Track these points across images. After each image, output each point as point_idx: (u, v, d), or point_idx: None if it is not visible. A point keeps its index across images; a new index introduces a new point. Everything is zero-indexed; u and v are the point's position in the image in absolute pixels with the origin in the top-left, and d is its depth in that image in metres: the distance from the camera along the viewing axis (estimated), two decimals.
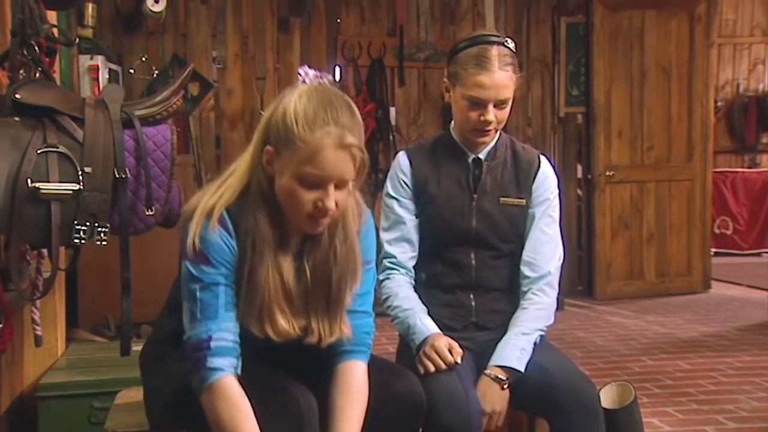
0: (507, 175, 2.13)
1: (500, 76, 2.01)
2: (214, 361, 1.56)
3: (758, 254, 7.94)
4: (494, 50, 2.03)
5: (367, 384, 1.70)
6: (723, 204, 7.89)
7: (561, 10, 6.13)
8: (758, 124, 8.28)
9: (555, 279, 2.12)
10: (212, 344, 1.57)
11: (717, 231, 7.76)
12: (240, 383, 1.58)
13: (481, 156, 2.13)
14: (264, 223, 1.61)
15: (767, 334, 4.83)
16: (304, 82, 1.64)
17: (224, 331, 1.58)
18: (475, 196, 2.11)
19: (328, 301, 1.67)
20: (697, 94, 6.17)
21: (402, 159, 2.16)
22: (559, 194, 2.20)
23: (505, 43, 2.05)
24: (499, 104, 2.04)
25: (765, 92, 8.32)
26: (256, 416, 1.56)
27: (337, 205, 1.59)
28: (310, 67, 1.68)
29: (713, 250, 6.77)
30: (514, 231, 2.13)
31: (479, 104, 2.03)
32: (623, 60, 6.05)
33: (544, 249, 2.12)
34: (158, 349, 1.79)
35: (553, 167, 2.21)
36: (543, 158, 2.19)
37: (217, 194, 1.64)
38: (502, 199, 2.11)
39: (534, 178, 2.14)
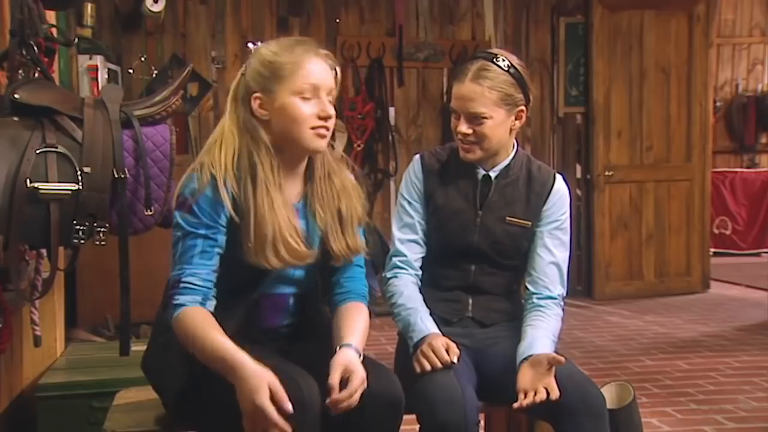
0: (517, 195, 2.12)
1: (468, 88, 2.01)
2: (180, 298, 1.69)
3: (757, 254, 7.94)
4: (478, 64, 2.03)
5: (368, 320, 1.86)
6: (722, 204, 7.89)
7: (560, 10, 6.13)
8: (757, 124, 8.28)
9: (561, 302, 2.13)
10: (181, 285, 1.69)
11: (716, 231, 7.76)
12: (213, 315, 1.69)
13: (492, 173, 2.12)
14: (266, 167, 1.74)
15: (766, 334, 4.83)
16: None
17: (194, 276, 1.70)
18: (480, 212, 2.11)
19: (339, 223, 1.84)
20: (696, 94, 6.17)
21: (417, 164, 2.17)
22: None
23: (495, 60, 2.03)
24: (471, 118, 2.02)
25: (764, 92, 8.32)
26: None
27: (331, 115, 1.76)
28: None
29: (712, 250, 6.77)
30: (517, 250, 2.13)
31: (456, 114, 2.07)
32: (622, 60, 6.05)
33: (550, 270, 2.11)
34: (162, 340, 1.80)
35: (568, 186, 2.19)
36: (558, 178, 2.17)
37: (211, 153, 1.77)
38: (508, 218, 2.11)
39: (546, 200, 2.13)
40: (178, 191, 1.76)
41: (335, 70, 1.80)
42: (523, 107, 2.07)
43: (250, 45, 1.87)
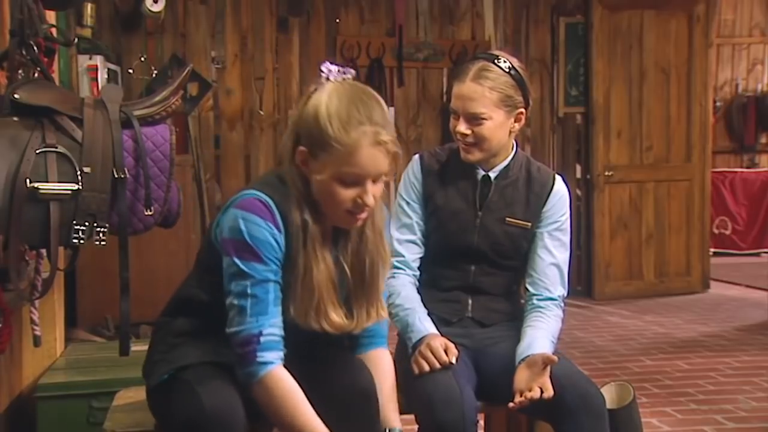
0: (517, 196, 2.12)
1: (469, 88, 2.01)
2: (264, 355, 1.61)
3: (757, 254, 7.94)
4: (479, 64, 2.03)
5: (392, 367, 1.85)
6: (722, 204, 7.89)
7: (560, 11, 6.13)
8: (757, 124, 8.27)
9: (562, 303, 2.13)
10: (262, 339, 1.61)
11: (716, 231, 7.76)
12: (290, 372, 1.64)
13: (492, 174, 2.12)
14: (311, 221, 1.66)
15: (766, 334, 4.84)
16: (327, 79, 1.66)
17: (273, 326, 1.63)
18: (480, 213, 2.11)
19: (365, 288, 1.74)
20: (696, 94, 6.17)
21: (416, 164, 2.17)
22: None
23: (496, 61, 2.03)
24: (471, 118, 2.02)
25: (764, 92, 8.31)
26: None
27: (374, 199, 1.64)
28: (332, 63, 1.69)
29: (712, 250, 6.77)
30: (516, 250, 2.13)
31: (455, 115, 2.06)
32: (622, 60, 6.05)
33: (550, 272, 2.11)
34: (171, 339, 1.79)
35: (567, 187, 2.19)
36: (558, 179, 2.17)
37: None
38: (507, 219, 2.10)
39: (545, 201, 2.12)
40: (232, 231, 1.62)
41: (393, 151, 1.64)
42: (522, 109, 2.07)
43: (324, 69, 1.68)
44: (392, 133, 1.65)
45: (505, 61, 2.04)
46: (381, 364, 1.83)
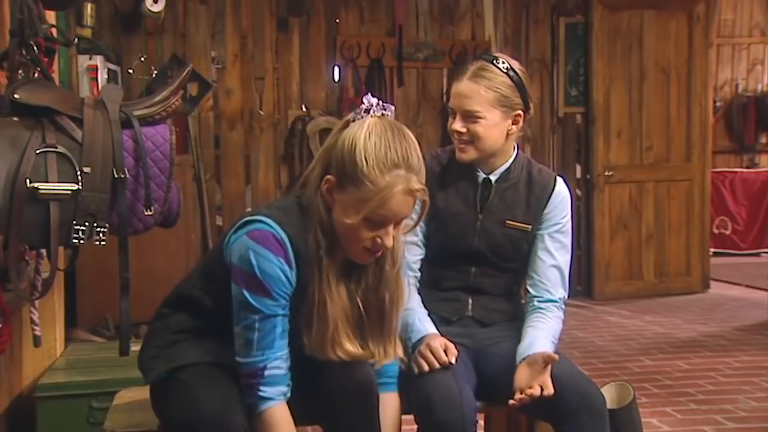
0: (518, 199, 2.12)
1: (466, 86, 2.02)
2: (266, 390, 1.64)
3: (757, 254, 7.94)
4: (478, 64, 2.04)
5: (399, 413, 1.86)
6: (722, 204, 7.89)
7: (560, 11, 6.13)
8: (757, 124, 8.27)
9: (563, 305, 2.13)
10: (266, 373, 1.63)
11: (716, 231, 7.76)
12: (289, 406, 1.66)
13: (492, 177, 2.12)
14: (327, 252, 1.65)
15: (766, 334, 4.84)
16: (366, 111, 1.64)
17: (279, 359, 1.64)
18: (480, 216, 2.10)
19: (382, 325, 1.75)
20: (696, 94, 6.17)
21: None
22: None
23: (494, 62, 2.03)
24: (466, 116, 2.03)
25: (764, 92, 8.31)
26: None
27: (393, 240, 1.65)
28: (372, 95, 1.67)
29: (712, 250, 6.77)
30: (517, 253, 2.13)
31: (452, 113, 2.07)
32: (622, 60, 6.05)
33: (551, 274, 2.11)
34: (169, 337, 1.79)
35: (569, 188, 2.18)
36: (559, 181, 2.16)
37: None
38: (508, 222, 2.10)
39: (546, 203, 2.12)
40: (242, 262, 1.61)
41: (421, 198, 1.65)
42: (520, 112, 2.07)
43: (365, 101, 1.66)
44: (423, 178, 1.64)
45: (503, 62, 2.04)
46: (386, 410, 1.82)
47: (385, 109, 1.66)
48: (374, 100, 1.66)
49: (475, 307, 2.13)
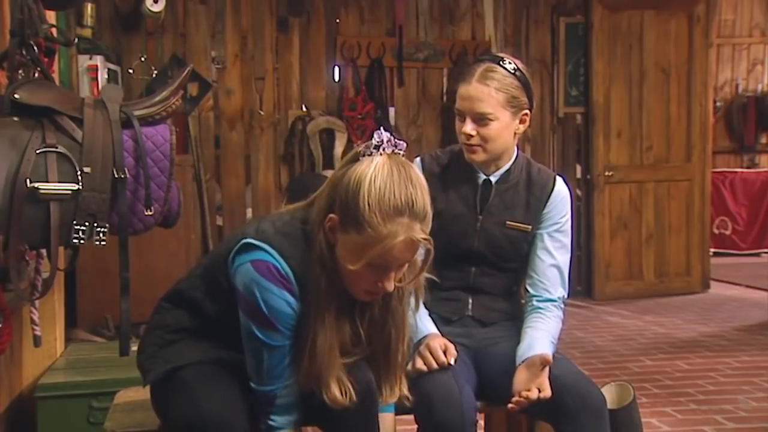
0: (518, 199, 2.12)
1: (476, 88, 2.01)
2: (277, 420, 1.66)
3: (757, 254, 7.94)
4: (484, 65, 2.03)
5: (393, 428, 1.84)
6: (722, 204, 7.89)
7: (560, 11, 6.13)
8: (757, 125, 8.27)
9: (562, 305, 2.13)
10: (277, 402, 1.65)
11: (716, 231, 7.76)
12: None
13: (493, 178, 2.12)
14: (326, 289, 1.61)
15: (766, 335, 4.83)
16: (376, 147, 1.59)
17: (288, 388, 1.65)
18: (481, 217, 2.10)
19: (388, 362, 1.73)
20: (696, 94, 6.17)
21: (416, 166, 2.15)
22: None
23: (501, 63, 2.03)
24: (477, 118, 2.02)
25: (764, 92, 8.31)
26: None
27: (395, 282, 1.62)
28: (385, 130, 1.62)
29: (712, 250, 6.77)
30: (517, 253, 2.13)
31: (461, 116, 2.05)
32: (622, 60, 6.05)
33: (550, 273, 2.11)
34: (168, 336, 1.79)
35: (569, 188, 2.18)
36: (559, 180, 2.16)
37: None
38: (508, 222, 2.10)
39: (546, 203, 2.12)
40: (247, 292, 1.59)
41: (425, 244, 1.59)
42: (527, 111, 2.08)
43: (376, 136, 1.60)
44: (428, 225, 1.59)
45: (510, 63, 2.04)
46: (382, 423, 1.81)
47: (396, 146, 1.60)
48: (386, 136, 1.60)
49: (475, 306, 2.13)
